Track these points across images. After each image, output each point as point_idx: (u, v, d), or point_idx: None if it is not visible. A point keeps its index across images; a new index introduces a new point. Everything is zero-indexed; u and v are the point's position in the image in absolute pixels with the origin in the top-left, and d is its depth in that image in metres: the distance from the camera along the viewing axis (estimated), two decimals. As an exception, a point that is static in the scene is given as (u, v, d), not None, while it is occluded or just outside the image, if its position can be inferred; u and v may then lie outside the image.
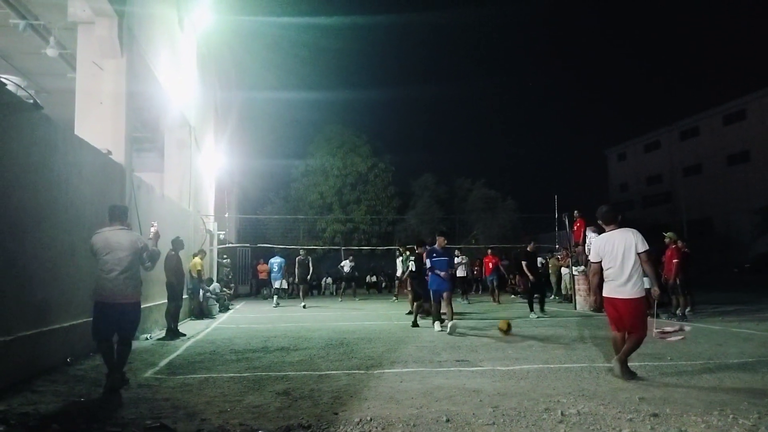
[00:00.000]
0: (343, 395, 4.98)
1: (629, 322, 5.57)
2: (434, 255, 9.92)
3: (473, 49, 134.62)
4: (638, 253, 5.53)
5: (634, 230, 5.68)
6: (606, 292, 5.71)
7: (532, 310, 12.55)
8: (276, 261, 18.40)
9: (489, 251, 19.20)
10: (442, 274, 9.93)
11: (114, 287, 5.51)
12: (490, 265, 18.29)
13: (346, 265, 21.96)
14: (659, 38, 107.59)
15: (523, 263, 13.20)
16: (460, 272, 18.35)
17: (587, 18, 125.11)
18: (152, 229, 6.43)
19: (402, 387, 5.31)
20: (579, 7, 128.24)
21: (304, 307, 16.20)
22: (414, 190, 35.68)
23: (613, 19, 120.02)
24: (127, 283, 5.56)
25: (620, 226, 5.82)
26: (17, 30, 9.97)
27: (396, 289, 21.10)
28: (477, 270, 25.51)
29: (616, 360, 5.61)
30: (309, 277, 18.36)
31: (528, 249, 13.48)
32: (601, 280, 5.84)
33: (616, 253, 5.59)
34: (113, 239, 5.61)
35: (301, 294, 17.81)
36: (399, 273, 19.81)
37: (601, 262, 5.77)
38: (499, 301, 17.52)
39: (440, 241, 10.11)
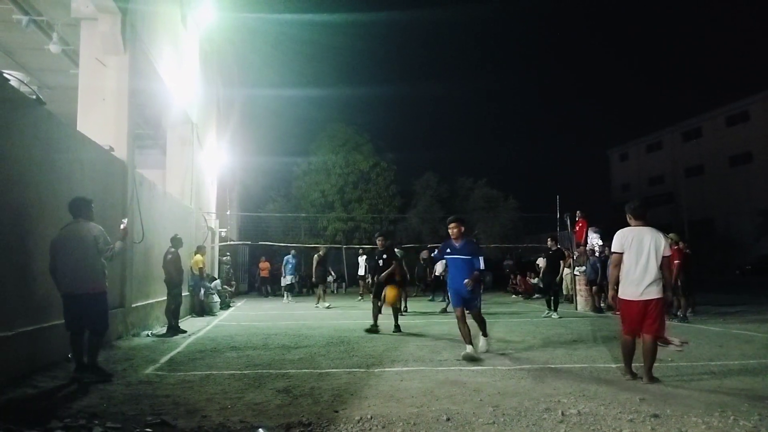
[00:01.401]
0: (344, 393, 4.98)
1: (654, 321, 5.31)
2: (448, 250, 7.29)
3: (476, 48, 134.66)
4: (664, 256, 5.37)
5: (661, 232, 5.51)
6: (630, 295, 5.39)
7: (555, 309, 12.45)
8: (288, 258, 18.64)
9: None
10: (439, 271, 8.50)
11: (75, 278, 5.62)
12: None
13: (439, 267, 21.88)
14: (663, 39, 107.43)
15: (541, 262, 13.17)
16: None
17: (591, 18, 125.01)
18: (121, 227, 6.39)
19: (402, 386, 5.31)
20: (583, 7, 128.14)
21: (328, 307, 15.55)
22: (416, 189, 35.68)
23: (617, 20, 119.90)
24: (87, 273, 5.65)
25: (646, 223, 5.58)
26: (20, 26, 9.98)
27: (361, 289, 21.16)
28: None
29: (645, 375, 5.38)
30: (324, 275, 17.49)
31: (550, 247, 13.22)
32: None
33: (643, 249, 5.34)
34: (71, 233, 5.70)
35: (322, 293, 16.57)
36: (362, 272, 19.75)
37: (622, 254, 5.45)
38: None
39: (453, 232, 7.20)
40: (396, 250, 16.06)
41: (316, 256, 17.40)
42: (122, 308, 8.90)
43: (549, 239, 13.39)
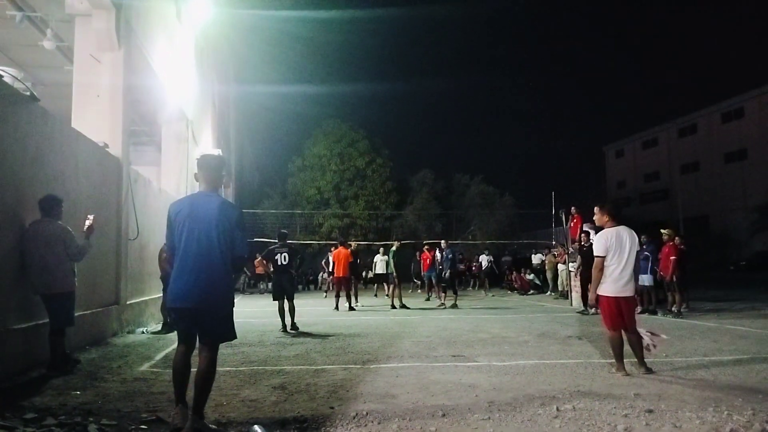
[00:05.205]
0: (339, 390, 4.99)
1: (628, 320, 5.57)
2: None
3: (472, 44, 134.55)
4: (637, 252, 5.61)
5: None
6: (610, 292, 5.57)
7: (586, 306, 12.27)
8: None
9: (425, 248, 19.19)
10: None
11: (37, 278, 5.67)
12: (428, 261, 18.27)
13: (484, 260, 22.01)
14: (659, 35, 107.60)
15: (535, 258, 13.18)
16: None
17: (586, 14, 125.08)
18: (87, 222, 6.29)
19: (398, 382, 5.32)
20: (579, 3, 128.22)
21: (353, 309, 14.44)
22: (412, 185, 35.67)
23: (613, 16, 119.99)
24: (48, 274, 5.68)
25: (621, 222, 5.80)
26: (14, 22, 9.92)
27: (326, 286, 21.26)
28: (476, 266, 25.66)
29: (640, 366, 5.58)
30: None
31: (583, 243, 12.83)
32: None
33: (624, 249, 5.54)
34: (39, 232, 5.71)
35: (353, 293, 15.22)
36: (380, 270, 19.78)
37: (605, 257, 5.60)
38: (428, 298, 17.69)
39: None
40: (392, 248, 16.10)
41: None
42: (117, 305, 8.88)
43: (583, 235, 12.96)
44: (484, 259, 22.51)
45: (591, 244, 12.11)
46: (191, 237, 3.84)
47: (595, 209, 5.99)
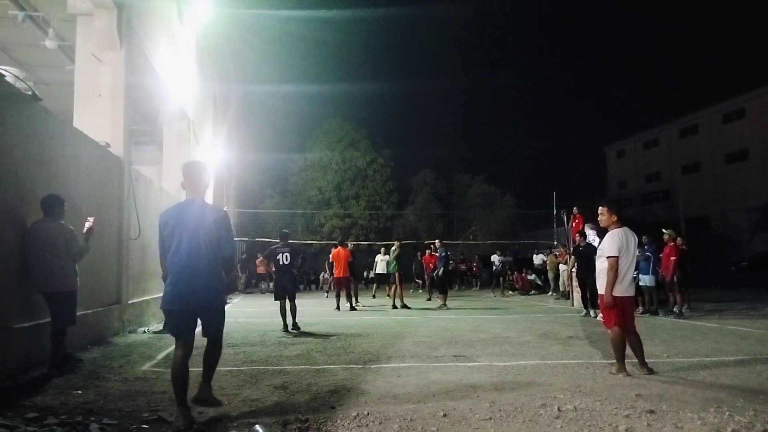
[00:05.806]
0: (341, 390, 4.99)
1: (629, 320, 5.58)
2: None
3: (473, 44, 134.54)
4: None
5: None
6: (617, 292, 5.54)
7: (587, 308, 11.86)
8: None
9: (428, 251, 19.30)
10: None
11: (39, 278, 5.71)
12: (431, 265, 18.36)
13: (496, 259, 22.11)
14: (660, 36, 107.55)
15: (536, 258, 12.98)
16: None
17: (588, 15, 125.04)
18: (87, 224, 6.28)
19: (399, 382, 5.32)
20: (580, 3, 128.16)
21: (355, 308, 14.49)
22: (413, 185, 35.66)
23: (615, 16, 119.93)
24: (50, 273, 5.72)
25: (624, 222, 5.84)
26: (16, 21, 9.91)
27: (327, 286, 21.27)
28: (476, 266, 25.68)
29: (641, 366, 5.57)
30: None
31: (579, 243, 12.54)
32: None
33: (630, 249, 5.59)
34: (42, 232, 5.74)
35: (353, 292, 15.36)
36: (380, 270, 19.68)
37: (618, 257, 5.56)
38: (430, 298, 17.89)
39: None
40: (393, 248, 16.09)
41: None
42: (119, 305, 8.88)
43: (578, 236, 12.64)
44: (495, 259, 22.54)
45: (587, 244, 12.06)
46: (180, 243, 4.10)
47: (601, 209, 5.87)
